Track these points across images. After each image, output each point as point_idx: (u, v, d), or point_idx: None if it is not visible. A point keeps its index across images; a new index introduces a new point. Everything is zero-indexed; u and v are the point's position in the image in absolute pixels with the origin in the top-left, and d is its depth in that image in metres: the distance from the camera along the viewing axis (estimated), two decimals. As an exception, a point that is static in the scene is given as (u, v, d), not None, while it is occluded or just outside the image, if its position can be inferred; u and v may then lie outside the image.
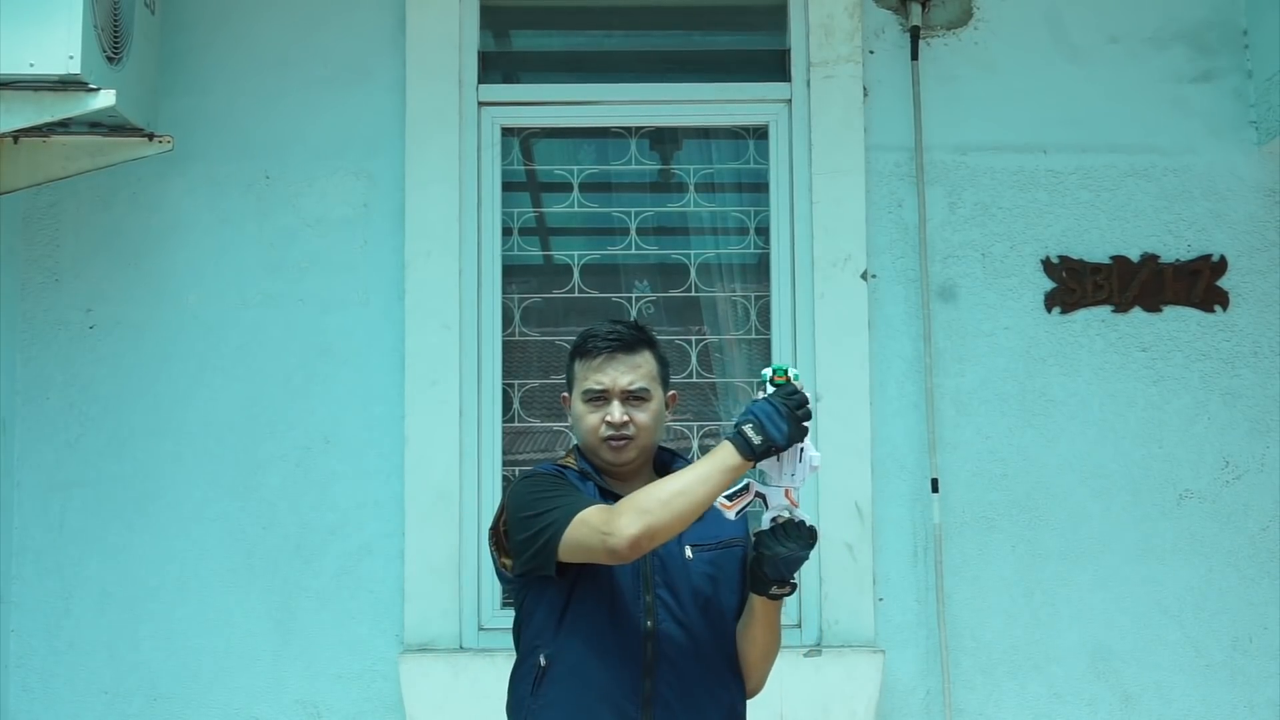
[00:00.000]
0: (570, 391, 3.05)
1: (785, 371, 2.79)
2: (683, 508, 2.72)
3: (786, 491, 2.80)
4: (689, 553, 2.94)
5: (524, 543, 2.87)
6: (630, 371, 2.98)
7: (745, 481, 2.79)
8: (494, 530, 3.01)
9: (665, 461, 3.09)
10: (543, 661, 2.90)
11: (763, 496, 2.80)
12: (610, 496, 2.95)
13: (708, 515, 2.88)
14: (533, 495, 2.90)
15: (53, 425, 4.63)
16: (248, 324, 4.67)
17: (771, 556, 2.78)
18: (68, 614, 4.57)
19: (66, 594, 4.58)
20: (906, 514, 4.61)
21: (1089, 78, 4.80)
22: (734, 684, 3.00)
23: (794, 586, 2.86)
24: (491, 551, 3.04)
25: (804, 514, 2.81)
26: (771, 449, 2.72)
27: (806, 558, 2.81)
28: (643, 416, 2.98)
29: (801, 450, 2.80)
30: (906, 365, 4.67)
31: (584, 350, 3.02)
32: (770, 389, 2.78)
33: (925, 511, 4.60)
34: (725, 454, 2.73)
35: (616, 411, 2.96)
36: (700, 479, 2.73)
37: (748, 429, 2.71)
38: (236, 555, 4.60)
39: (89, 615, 4.57)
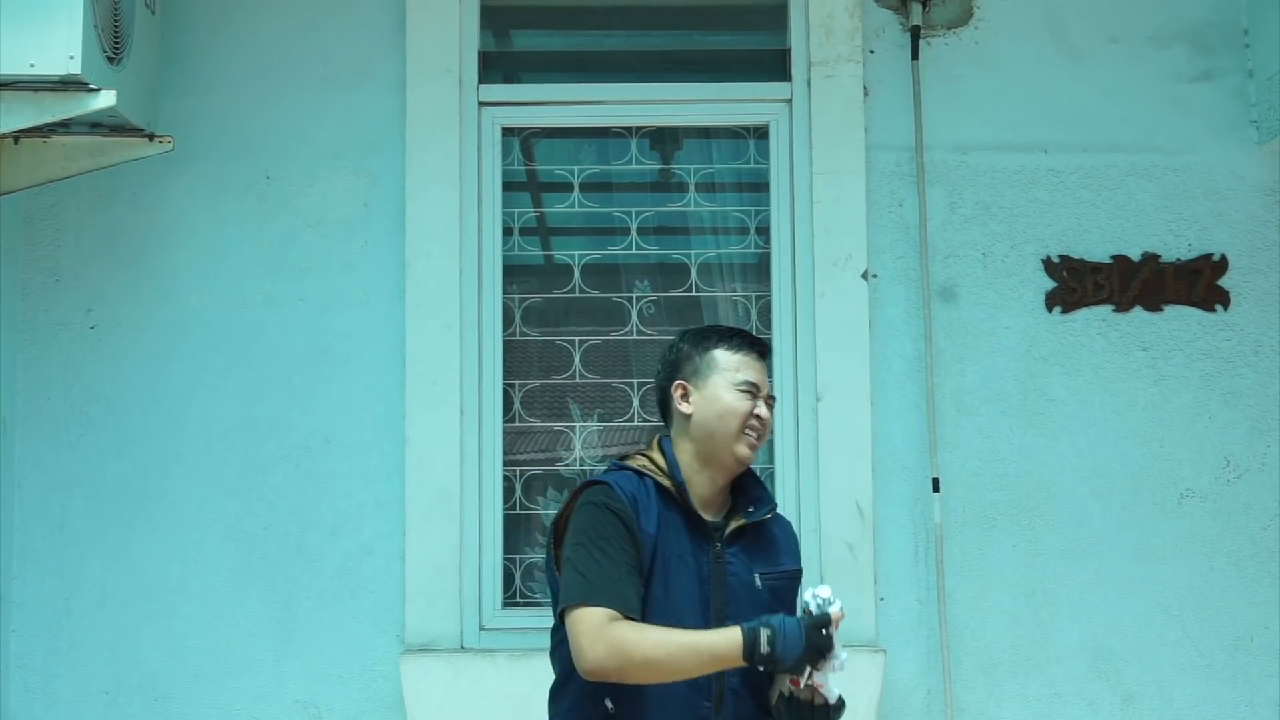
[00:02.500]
0: (699, 380, 3.02)
1: (826, 616, 2.74)
2: (662, 671, 2.74)
3: (794, 681, 2.80)
4: (758, 581, 2.96)
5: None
6: (767, 377, 3.06)
7: None
8: (555, 527, 2.99)
9: (740, 480, 3.09)
10: (610, 706, 2.88)
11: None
12: (692, 518, 2.95)
13: (776, 540, 3.01)
14: (580, 541, 2.87)
15: (53, 425, 4.63)
16: (248, 324, 4.67)
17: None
18: (68, 614, 4.58)
19: (67, 594, 4.58)
20: (907, 513, 4.61)
21: (1090, 77, 4.80)
22: None
23: None
24: (549, 547, 3.02)
25: (829, 692, 2.77)
26: (774, 665, 2.72)
27: None
28: (771, 421, 3.05)
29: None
30: (907, 365, 4.67)
31: (732, 343, 3.04)
32: (808, 615, 2.76)
33: (926, 511, 4.60)
34: (728, 644, 2.71)
35: (766, 410, 3.00)
36: (692, 652, 2.73)
37: (763, 635, 2.69)
38: (237, 555, 4.60)
39: (90, 615, 4.58)
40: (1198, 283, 4.71)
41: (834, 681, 2.77)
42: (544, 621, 4.57)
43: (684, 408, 3.03)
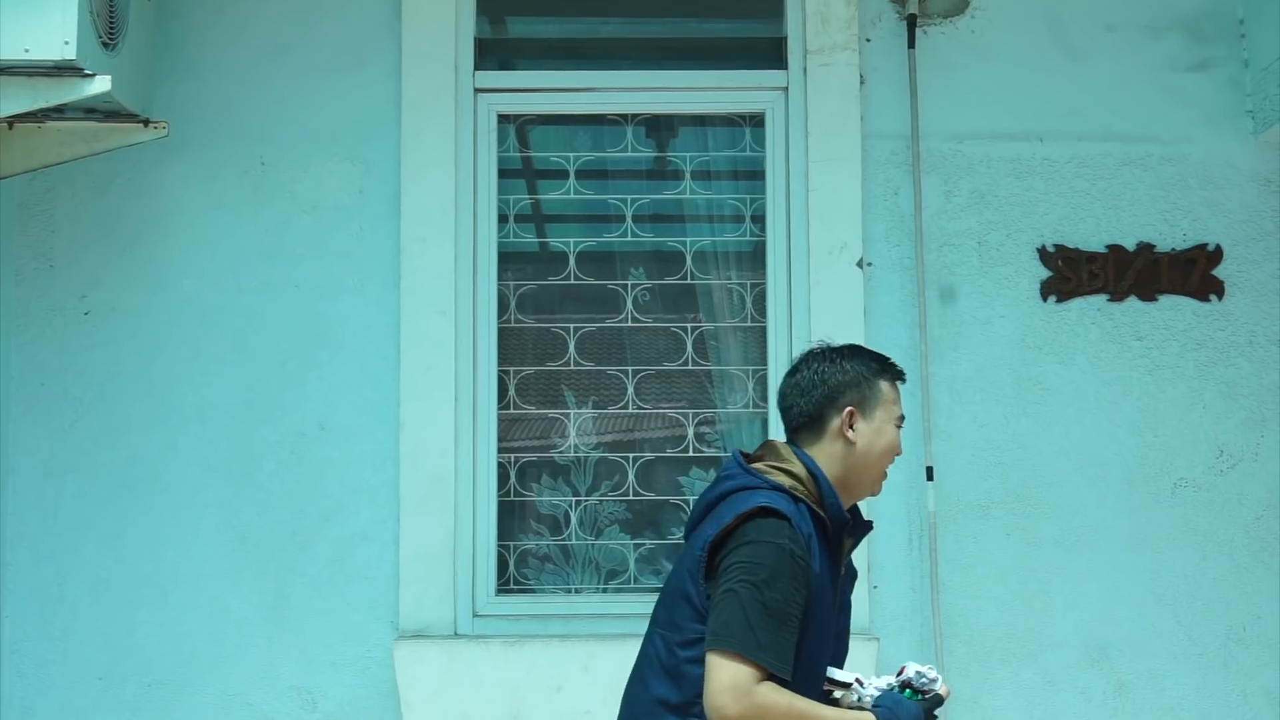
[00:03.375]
0: (868, 409, 2.96)
1: (939, 697, 2.86)
2: None
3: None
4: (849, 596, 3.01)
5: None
6: None
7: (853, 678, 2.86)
8: (714, 546, 2.83)
9: None
10: None
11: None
12: (831, 545, 2.90)
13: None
14: (756, 581, 2.74)
15: (48, 411, 4.62)
16: (243, 310, 4.67)
17: None
18: (62, 600, 4.57)
19: (61, 580, 4.58)
20: (901, 502, 4.61)
21: (1085, 66, 4.80)
22: None
23: None
24: (702, 557, 2.85)
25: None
26: None
27: None
28: None
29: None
30: (902, 353, 4.63)
31: (891, 374, 3.00)
32: (908, 690, 2.84)
33: (920, 499, 4.60)
34: None
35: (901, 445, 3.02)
36: None
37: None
38: (231, 541, 4.59)
39: (83, 601, 4.57)
40: (1193, 272, 4.71)
41: None
42: (537, 608, 4.63)
43: (849, 434, 2.93)
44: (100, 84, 3.99)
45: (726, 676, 2.68)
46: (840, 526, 2.89)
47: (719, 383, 4.85)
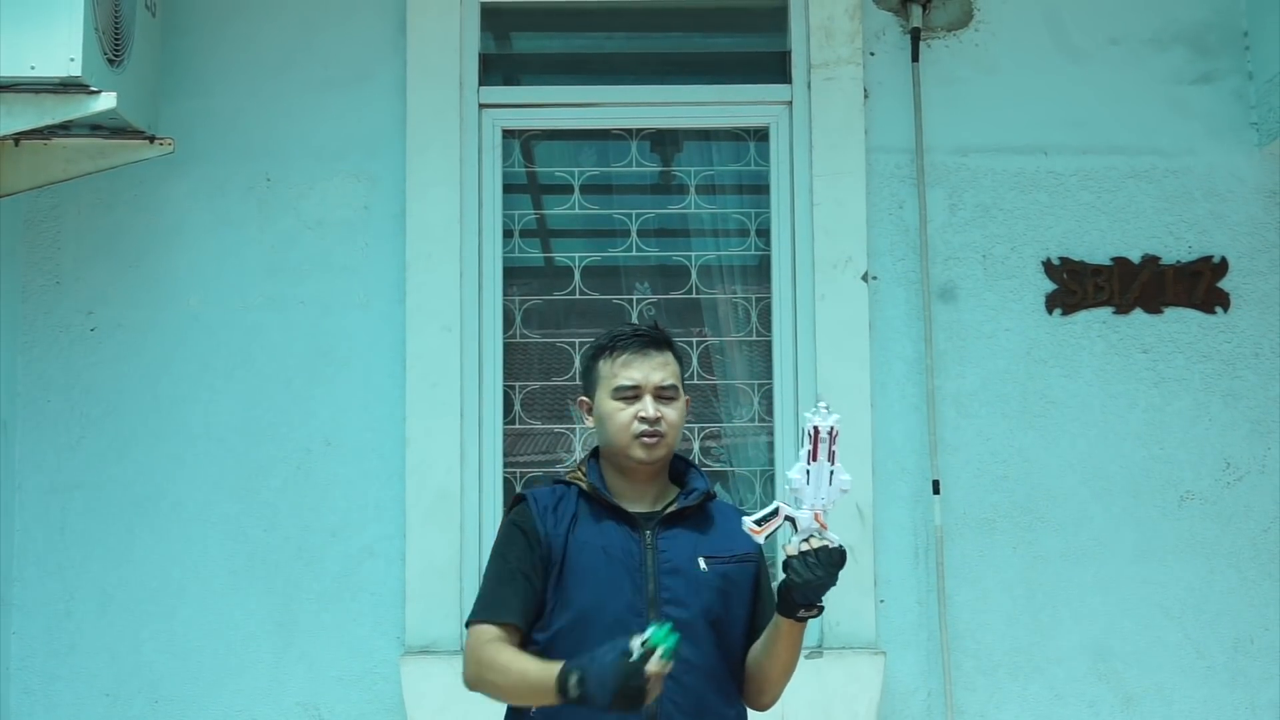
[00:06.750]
0: (592, 393, 3.04)
1: (641, 659, 2.62)
2: (504, 694, 2.90)
3: (816, 515, 2.78)
4: (703, 564, 2.93)
5: None
6: (661, 369, 3.00)
7: (775, 505, 2.80)
8: None
9: (680, 470, 3.08)
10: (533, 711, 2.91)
11: (792, 520, 2.79)
12: (615, 513, 2.95)
13: (723, 527, 2.92)
14: (492, 555, 3.03)
15: (54, 428, 4.63)
16: (249, 326, 4.67)
17: (801, 584, 2.76)
18: (69, 616, 4.58)
19: (68, 596, 4.58)
20: (907, 516, 4.61)
21: (1089, 79, 4.80)
22: (738, 700, 3.00)
23: (821, 609, 2.84)
24: None
25: (833, 535, 2.79)
26: (589, 703, 2.64)
27: (834, 583, 2.79)
28: (672, 414, 2.99)
29: (832, 473, 2.79)
30: (907, 367, 4.67)
31: (612, 348, 3.02)
32: (638, 648, 2.63)
33: (926, 513, 4.60)
34: (545, 680, 2.70)
35: (650, 406, 2.95)
36: (521, 682, 2.80)
37: (573, 679, 2.66)
38: (238, 558, 4.60)
39: (90, 617, 4.58)
40: (1198, 285, 4.71)
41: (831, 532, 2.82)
42: (544, 624, 4.60)
43: (589, 422, 3.09)
44: (106, 101, 3.99)
45: (467, 643, 2.96)
46: (597, 492, 2.99)
47: (724, 397, 4.85)
